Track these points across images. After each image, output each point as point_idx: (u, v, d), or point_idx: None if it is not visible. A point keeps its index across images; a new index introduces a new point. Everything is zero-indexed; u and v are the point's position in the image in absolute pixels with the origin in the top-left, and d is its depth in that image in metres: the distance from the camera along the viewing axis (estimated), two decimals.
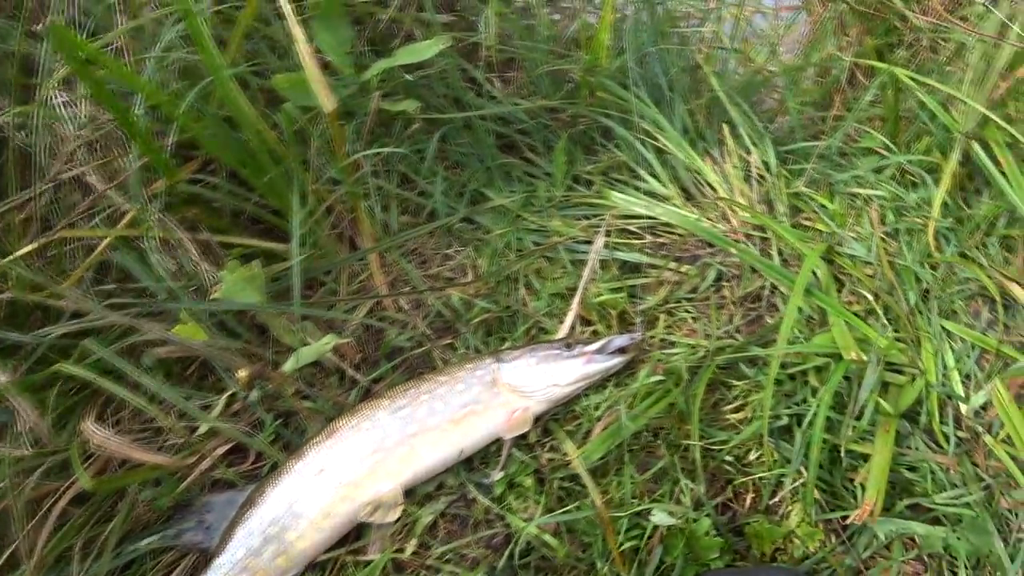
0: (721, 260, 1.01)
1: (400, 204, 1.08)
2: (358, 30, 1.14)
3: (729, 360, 0.92)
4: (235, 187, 0.98)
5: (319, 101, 0.86)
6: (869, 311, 0.93)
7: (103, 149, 0.94)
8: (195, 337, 0.81)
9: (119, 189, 0.91)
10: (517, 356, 0.89)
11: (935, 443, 0.84)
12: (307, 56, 0.86)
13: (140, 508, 0.86)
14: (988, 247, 0.98)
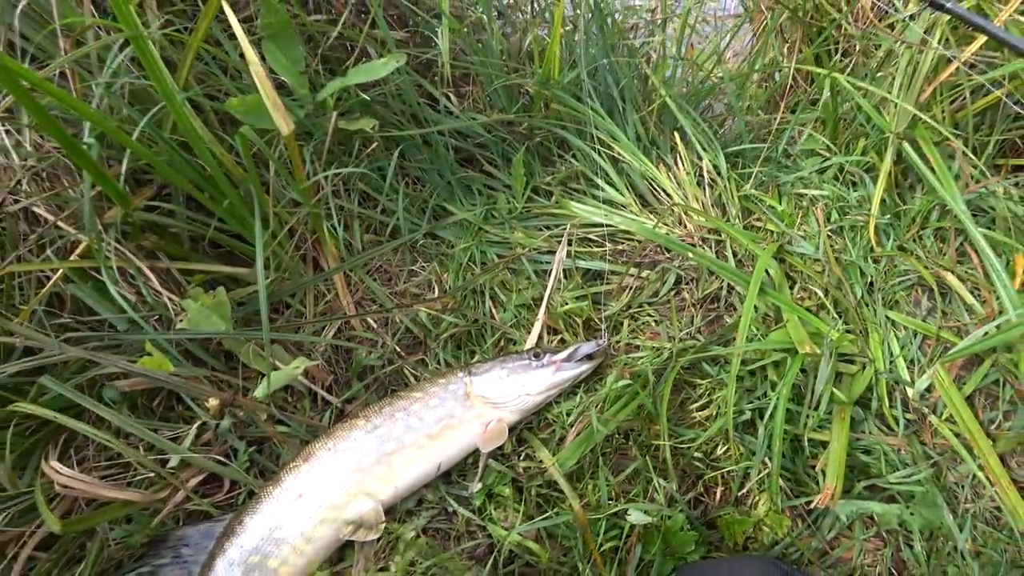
0: (679, 264, 1.06)
1: (363, 223, 1.10)
2: (311, 49, 1.15)
3: (692, 360, 0.96)
4: (193, 213, 0.97)
5: (276, 123, 0.87)
6: (820, 306, 0.99)
7: (51, 179, 0.93)
8: (161, 368, 0.80)
9: (70, 219, 0.89)
10: (488, 368, 0.92)
11: (886, 426, 0.91)
12: (261, 78, 0.87)
13: (112, 547, 0.84)
14: (924, 239, 1.06)
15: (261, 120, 0.92)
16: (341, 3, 1.21)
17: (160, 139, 0.90)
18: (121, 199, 0.84)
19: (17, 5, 0.81)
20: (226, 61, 1.04)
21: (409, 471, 0.84)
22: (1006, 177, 1.08)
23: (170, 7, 1.03)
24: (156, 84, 0.82)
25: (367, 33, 1.15)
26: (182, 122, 0.86)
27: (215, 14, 0.92)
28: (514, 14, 1.35)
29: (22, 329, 0.84)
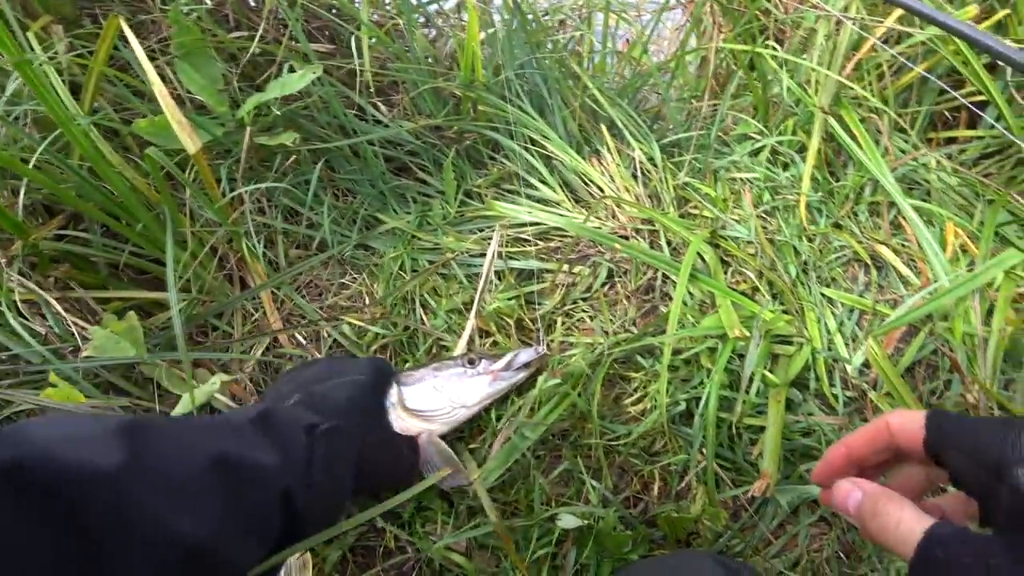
0: (611, 257, 1.05)
1: (288, 238, 1.09)
2: (232, 66, 1.15)
3: (626, 353, 0.95)
4: (108, 240, 0.97)
5: (183, 143, 0.87)
6: (755, 289, 0.98)
7: None
8: (70, 400, 0.78)
9: None
10: (419, 378, 0.88)
11: (827, 406, 0.89)
12: (164, 97, 0.87)
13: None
14: (858, 215, 1.05)
15: (170, 140, 0.92)
16: (258, 16, 1.22)
17: (65, 166, 0.89)
18: (19, 231, 0.83)
19: None
20: (139, 85, 1.04)
21: None
22: (937, 148, 1.08)
23: (79, 29, 1.04)
24: (49, 110, 0.82)
25: (288, 47, 1.15)
26: (82, 147, 0.85)
27: (115, 35, 0.92)
28: (441, 19, 1.35)
29: None
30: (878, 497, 0.40)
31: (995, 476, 0.33)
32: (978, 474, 0.35)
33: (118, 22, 0.90)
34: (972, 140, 1.16)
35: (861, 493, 0.42)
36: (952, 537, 0.34)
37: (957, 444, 0.38)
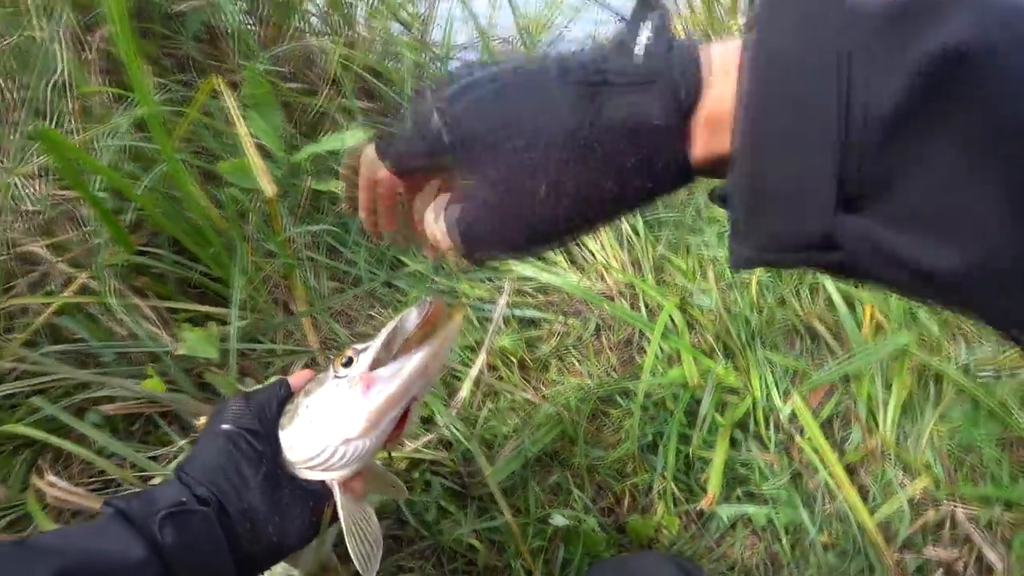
0: (599, 314, 1.30)
1: (328, 272, 1.29)
2: (288, 114, 1.37)
3: (607, 393, 1.19)
4: (180, 258, 1.15)
5: (261, 186, 1.07)
6: (711, 349, 1.25)
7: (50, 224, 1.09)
8: (158, 390, 0.96)
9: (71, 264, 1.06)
10: (293, 413, 0.58)
11: (763, 445, 1.15)
12: (250, 147, 1.08)
13: None
14: (800, 294, 1.34)
15: (247, 181, 1.12)
16: (316, 75, 1.45)
17: (160, 194, 1.08)
18: (126, 244, 1.01)
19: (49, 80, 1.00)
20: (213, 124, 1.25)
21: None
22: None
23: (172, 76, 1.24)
24: (162, 150, 1.02)
25: (339, 104, 1.38)
26: (182, 182, 1.05)
27: (211, 90, 1.13)
28: None
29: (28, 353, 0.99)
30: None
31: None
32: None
33: (217, 80, 1.11)
34: None
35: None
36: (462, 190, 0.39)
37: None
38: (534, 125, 0.34)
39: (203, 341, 0.99)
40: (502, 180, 0.36)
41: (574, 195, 0.35)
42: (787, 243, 0.30)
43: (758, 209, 0.30)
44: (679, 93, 0.32)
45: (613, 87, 0.33)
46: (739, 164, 0.30)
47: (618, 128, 0.33)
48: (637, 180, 0.34)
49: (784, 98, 0.28)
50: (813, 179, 0.28)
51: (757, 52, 0.29)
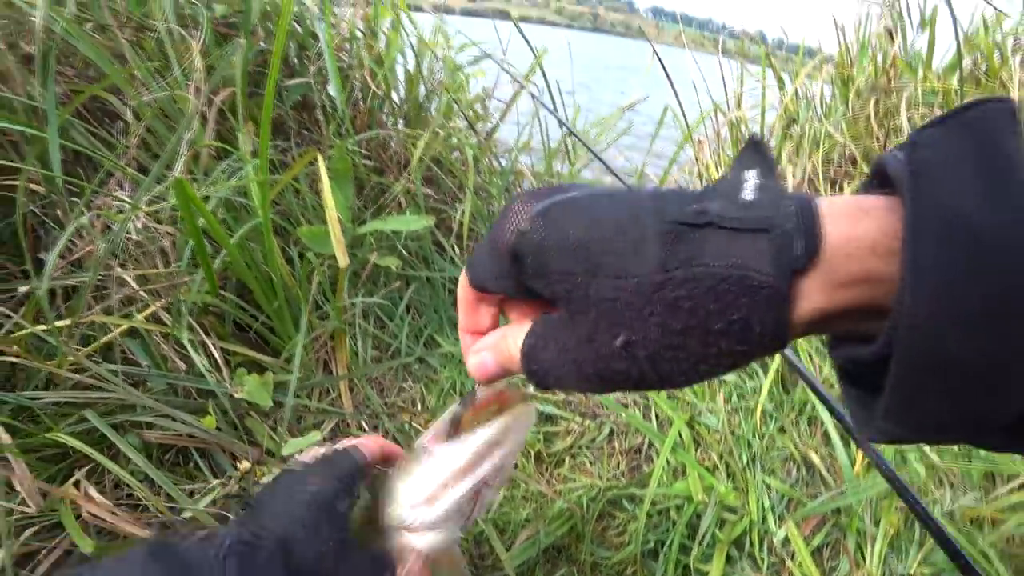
0: (614, 419, 1.42)
1: (372, 340, 1.41)
2: (357, 188, 1.53)
3: (615, 496, 1.29)
4: (246, 305, 1.27)
5: (337, 256, 1.21)
6: (715, 467, 1.36)
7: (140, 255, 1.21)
8: (210, 427, 1.05)
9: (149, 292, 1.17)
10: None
11: (756, 565, 1.24)
12: (333, 219, 1.22)
13: None
14: (799, 424, 1.47)
15: (322, 247, 1.26)
16: (387, 157, 1.63)
17: (244, 246, 1.21)
18: (213, 286, 1.13)
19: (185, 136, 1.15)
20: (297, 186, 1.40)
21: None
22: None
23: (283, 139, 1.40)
24: (261, 209, 1.16)
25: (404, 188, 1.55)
26: (267, 239, 1.19)
27: (308, 162, 1.29)
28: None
29: (95, 367, 1.08)
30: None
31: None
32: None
33: (315, 154, 1.27)
34: None
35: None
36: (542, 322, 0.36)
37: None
38: (619, 269, 0.31)
39: (260, 388, 1.09)
40: (578, 325, 0.33)
41: (652, 354, 0.31)
42: (958, 423, 0.28)
43: (927, 387, 0.26)
44: (793, 247, 0.28)
45: (716, 231, 0.30)
46: (909, 339, 0.26)
47: (710, 279, 0.29)
48: (724, 343, 0.30)
49: (968, 262, 0.24)
50: (1009, 355, 0.25)
51: (931, 209, 0.25)
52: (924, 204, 0.26)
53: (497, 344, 0.40)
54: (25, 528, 0.98)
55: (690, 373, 0.32)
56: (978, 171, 0.25)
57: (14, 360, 1.09)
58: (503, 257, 0.35)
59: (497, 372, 0.41)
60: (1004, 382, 0.25)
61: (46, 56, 1.11)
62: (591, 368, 0.33)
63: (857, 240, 0.28)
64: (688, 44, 2.57)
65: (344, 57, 1.58)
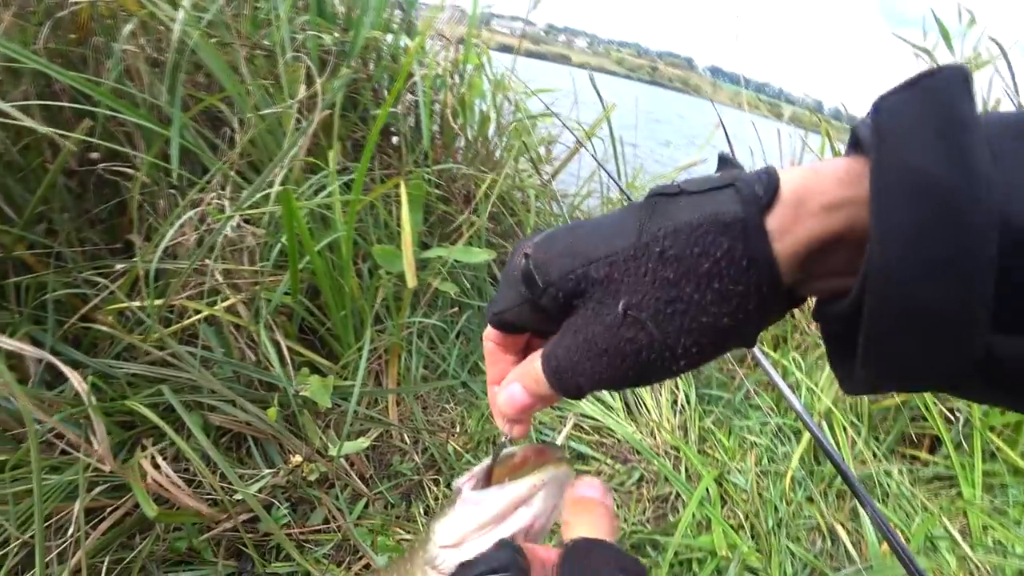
0: (645, 466, 1.46)
1: (423, 359, 1.49)
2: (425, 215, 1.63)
3: (639, 541, 1.32)
4: (315, 310, 1.36)
5: (406, 276, 1.30)
6: (740, 525, 1.39)
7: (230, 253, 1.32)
8: (272, 419, 1.13)
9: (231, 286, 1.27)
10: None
11: None
12: (408, 244, 1.32)
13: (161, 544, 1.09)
14: (828, 495, 1.49)
15: (392, 266, 1.35)
16: (455, 189, 1.73)
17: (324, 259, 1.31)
18: (295, 289, 1.23)
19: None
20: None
21: None
22: (902, 461, 1.57)
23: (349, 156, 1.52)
24: (347, 224, 1.26)
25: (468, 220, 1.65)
26: (346, 252, 1.28)
27: (390, 188, 1.40)
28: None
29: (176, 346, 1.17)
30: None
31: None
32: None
33: (400, 180, 1.37)
34: (929, 464, 1.64)
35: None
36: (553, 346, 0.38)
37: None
38: (607, 249, 0.34)
39: (322, 389, 1.17)
40: (583, 305, 0.35)
41: (654, 312, 0.33)
42: (931, 368, 0.29)
43: (899, 331, 0.28)
44: (755, 188, 0.32)
45: (687, 195, 0.33)
46: (878, 284, 0.28)
47: (687, 228, 0.32)
48: (718, 283, 0.32)
49: (936, 215, 0.26)
50: (972, 300, 0.26)
51: (893, 165, 0.28)
52: (889, 162, 0.28)
53: (523, 369, 0.41)
54: (96, 485, 1.06)
55: (697, 333, 0.33)
56: (938, 132, 0.27)
57: (103, 328, 1.20)
58: (517, 282, 0.37)
59: (526, 401, 0.41)
60: (963, 321, 0.27)
61: (176, 64, 1.25)
62: (603, 342, 0.34)
63: (821, 175, 0.31)
64: (744, 105, 2.66)
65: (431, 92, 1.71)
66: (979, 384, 0.30)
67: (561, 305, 0.36)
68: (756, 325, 0.34)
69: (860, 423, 1.61)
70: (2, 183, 1.28)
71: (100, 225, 1.45)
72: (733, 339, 0.34)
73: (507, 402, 0.42)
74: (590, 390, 0.38)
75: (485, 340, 0.45)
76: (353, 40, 1.48)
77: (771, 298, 0.32)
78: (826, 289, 0.34)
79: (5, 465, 0.97)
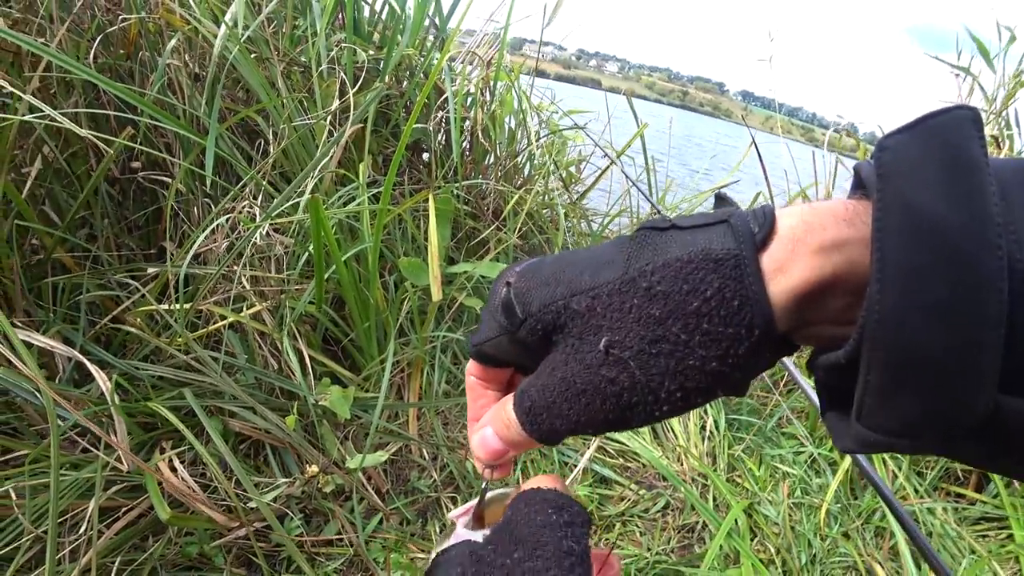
0: (671, 493, 1.41)
1: (445, 374, 1.47)
2: (452, 230, 1.63)
3: (663, 572, 1.26)
4: (339, 320, 1.36)
5: (432, 290, 1.29)
6: (770, 560, 1.32)
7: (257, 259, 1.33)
8: (291, 427, 1.12)
9: (257, 293, 1.28)
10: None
11: None
12: (435, 255, 1.31)
13: (172, 548, 1.09)
14: (865, 532, 1.41)
15: (418, 279, 1.35)
16: (484, 205, 1.73)
17: (351, 269, 1.32)
18: (320, 298, 1.23)
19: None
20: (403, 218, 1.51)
21: None
22: (945, 499, 1.47)
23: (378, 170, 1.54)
24: (374, 236, 1.26)
25: (495, 236, 1.64)
26: (372, 264, 1.29)
27: (418, 203, 1.41)
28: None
29: (200, 351, 1.18)
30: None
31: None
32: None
33: (428, 194, 1.38)
34: (976, 503, 1.54)
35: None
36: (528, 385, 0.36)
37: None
38: (592, 282, 0.32)
39: (342, 400, 1.16)
40: (563, 341, 0.33)
41: (637, 352, 0.31)
42: (930, 425, 0.27)
43: (899, 384, 0.26)
44: (750, 224, 0.30)
45: (678, 229, 0.32)
46: (877, 332, 0.26)
47: (677, 263, 0.30)
48: (707, 324, 0.30)
49: (939, 258, 0.25)
50: (978, 350, 0.25)
51: (895, 206, 0.26)
52: (891, 201, 0.26)
53: (495, 412, 0.39)
54: (113, 484, 1.07)
55: (683, 377, 0.31)
56: (941, 172, 0.26)
57: (132, 330, 1.22)
58: (497, 311, 0.36)
59: (498, 447, 0.39)
60: (969, 375, 0.25)
61: (216, 78, 1.28)
62: (581, 382, 0.32)
63: (820, 213, 0.30)
64: (776, 129, 2.62)
65: (461, 109, 1.72)
66: (977, 448, 0.28)
67: (540, 339, 0.34)
68: (746, 372, 0.31)
69: (901, 456, 1.52)
70: (49, 189, 1.33)
71: (137, 231, 1.49)
72: (721, 385, 0.31)
73: (479, 446, 0.40)
74: (566, 435, 0.35)
75: (467, 374, 0.43)
76: (386, 57, 1.51)
77: (764, 343, 0.30)
78: (823, 336, 0.31)
79: (25, 458, 0.98)
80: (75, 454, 1.06)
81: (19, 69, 1.23)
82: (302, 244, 1.30)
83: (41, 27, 1.28)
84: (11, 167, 1.17)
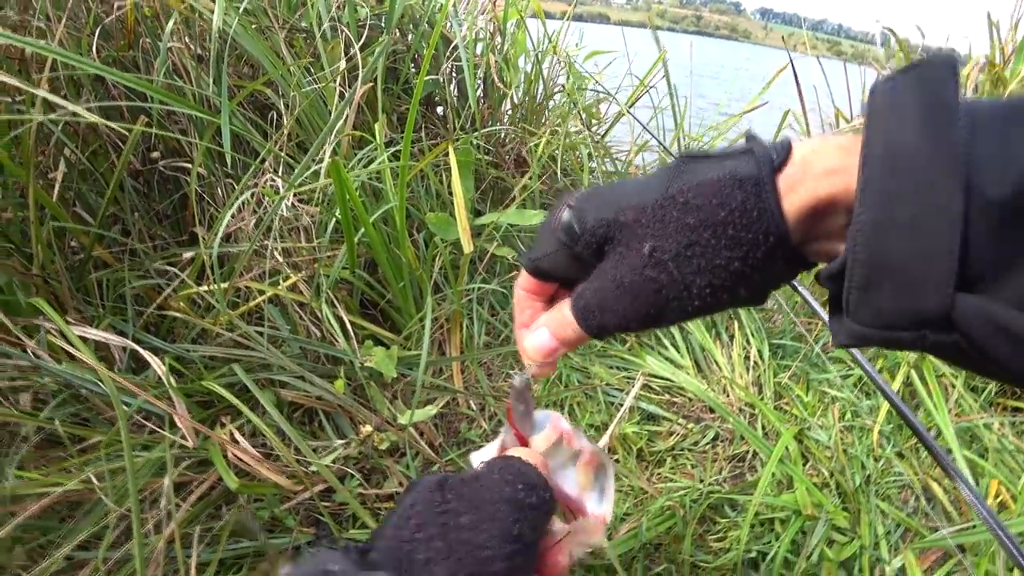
0: (719, 425, 1.42)
1: (485, 326, 1.49)
2: (475, 180, 1.62)
3: (717, 501, 1.29)
4: (375, 283, 1.38)
5: (463, 243, 1.29)
6: (824, 484, 1.33)
7: (286, 231, 1.35)
8: (340, 391, 1.16)
9: (291, 265, 1.31)
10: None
11: None
12: (461, 209, 1.31)
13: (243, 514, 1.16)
14: (920, 450, 1.41)
15: (447, 234, 1.35)
16: (505, 152, 1.71)
17: (379, 231, 1.33)
18: (353, 264, 1.25)
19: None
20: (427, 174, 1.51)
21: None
22: (1002, 414, 1.45)
23: (396, 129, 1.53)
24: (399, 195, 1.26)
25: (522, 184, 1.62)
26: (400, 223, 1.29)
27: (439, 155, 1.39)
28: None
29: (245, 327, 1.22)
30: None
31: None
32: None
33: (449, 145, 1.36)
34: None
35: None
36: (583, 288, 0.43)
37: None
38: (638, 199, 0.39)
39: (386, 360, 1.19)
40: (613, 250, 0.40)
41: (675, 255, 0.37)
42: (903, 319, 0.32)
43: (876, 283, 0.32)
44: (770, 153, 0.36)
45: (711, 159, 0.38)
46: (859, 240, 0.32)
47: (709, 183, 0.37)
48: (731, 230, 0.36)
49: (909, 182, 0.30)
50: (937, 257, 0.30)
51: (878, 140, 0.32)
52: (874, 136, 0.32)
53: (551, 315, 0.46)
54: (182, 460, 1.13)
55: (711, 275, 0.37)
56: (917, 111, 0.31)
57: (177, 315, 1.26)
58: (556, 231, 0.42)
59: (552, 345, 0.46)
60: (928, 277, 0.30)
61: (219, 54, 1.27)
62: (628, 281, 0.39)
63: (825, 144, 0.36)
64: (799, 47, 2.49)
65: (472, 51, 1.68)
66: (949, 344, 0.32)
67: (594, 251, 0.41)
68: (764, 274, 0.38)
69: (956, 373, 1.50)
70: (77, 190, 1.36)
71: (167, 221, 1.52)
72: (743, 284, 0.38)
73: (534, 345, 0.47)
74: (613, 330, 0.42)
75: (517, 288, 0.50)
76: (389, 10, 1.47)
77: (777, 249, 0.36)
78: (831, 253, 0.37)
79: (99, 445, 1.04)
80: (143, 436, 1.12)
81: (27, 74, 1.24)
82: (328, 211, 1.31)
83: (40, 28, 1.28)
84: (37, 173, 1.20)
